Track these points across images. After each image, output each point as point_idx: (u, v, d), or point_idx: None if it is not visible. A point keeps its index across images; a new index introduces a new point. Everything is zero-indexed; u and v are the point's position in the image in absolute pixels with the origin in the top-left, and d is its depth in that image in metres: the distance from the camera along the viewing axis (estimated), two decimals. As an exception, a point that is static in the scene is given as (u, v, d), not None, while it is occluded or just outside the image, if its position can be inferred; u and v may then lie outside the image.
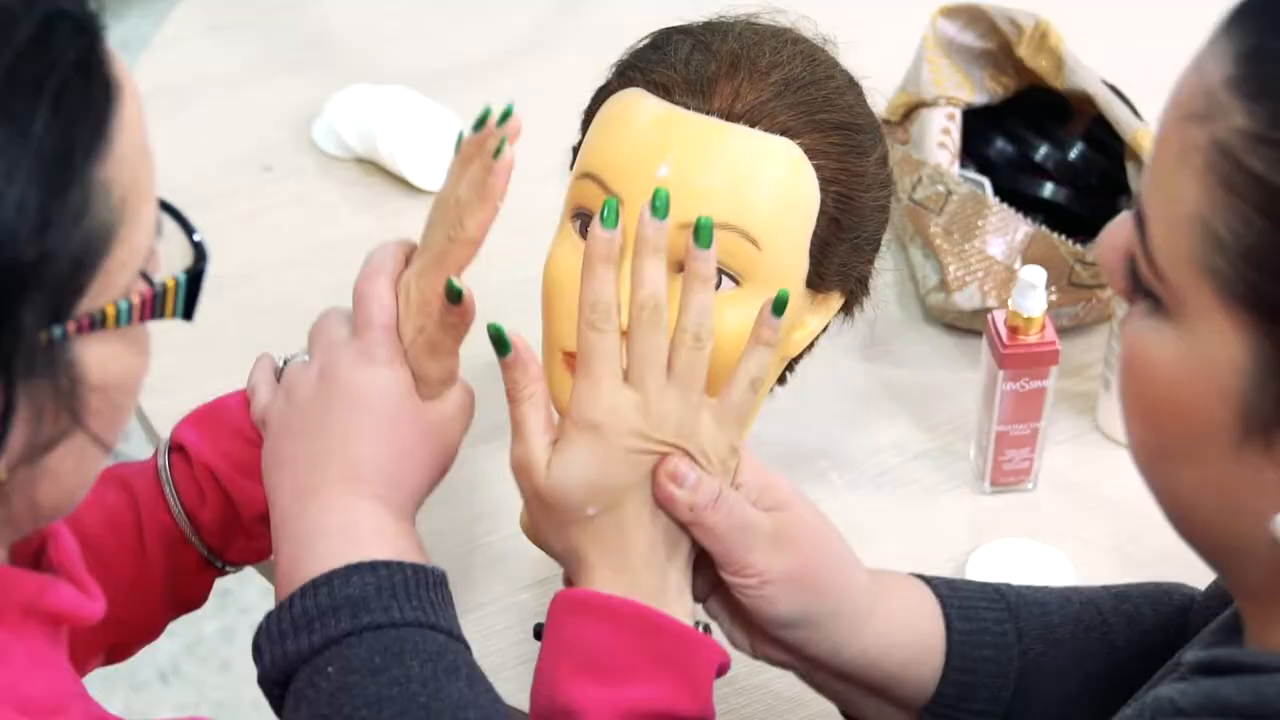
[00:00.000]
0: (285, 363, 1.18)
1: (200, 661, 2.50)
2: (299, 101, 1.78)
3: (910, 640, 1.15)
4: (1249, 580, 0.93)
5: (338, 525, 1.09)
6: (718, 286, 1.15)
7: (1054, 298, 1.53)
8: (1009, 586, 1.18)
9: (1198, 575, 1.41)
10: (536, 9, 1.91)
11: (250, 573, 1.45)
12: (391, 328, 1.13)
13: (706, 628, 1.12)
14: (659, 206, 1.09)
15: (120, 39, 1.88)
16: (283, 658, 1.06)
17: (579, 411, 1.08)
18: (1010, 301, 1.41)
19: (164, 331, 1.56)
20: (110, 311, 0.88)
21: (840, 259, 1.20)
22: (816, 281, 1.20)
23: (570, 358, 1.17)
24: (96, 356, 0.88)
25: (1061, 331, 1.55)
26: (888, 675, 1.15)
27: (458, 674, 1.05)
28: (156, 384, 1.53)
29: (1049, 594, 1.19)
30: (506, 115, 1.12)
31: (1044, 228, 1.55)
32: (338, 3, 1.92)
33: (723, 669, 1.11)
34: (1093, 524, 1.46)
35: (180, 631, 2.52)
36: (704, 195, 1.15)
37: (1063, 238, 1.54)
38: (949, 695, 1.15)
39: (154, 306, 0.90)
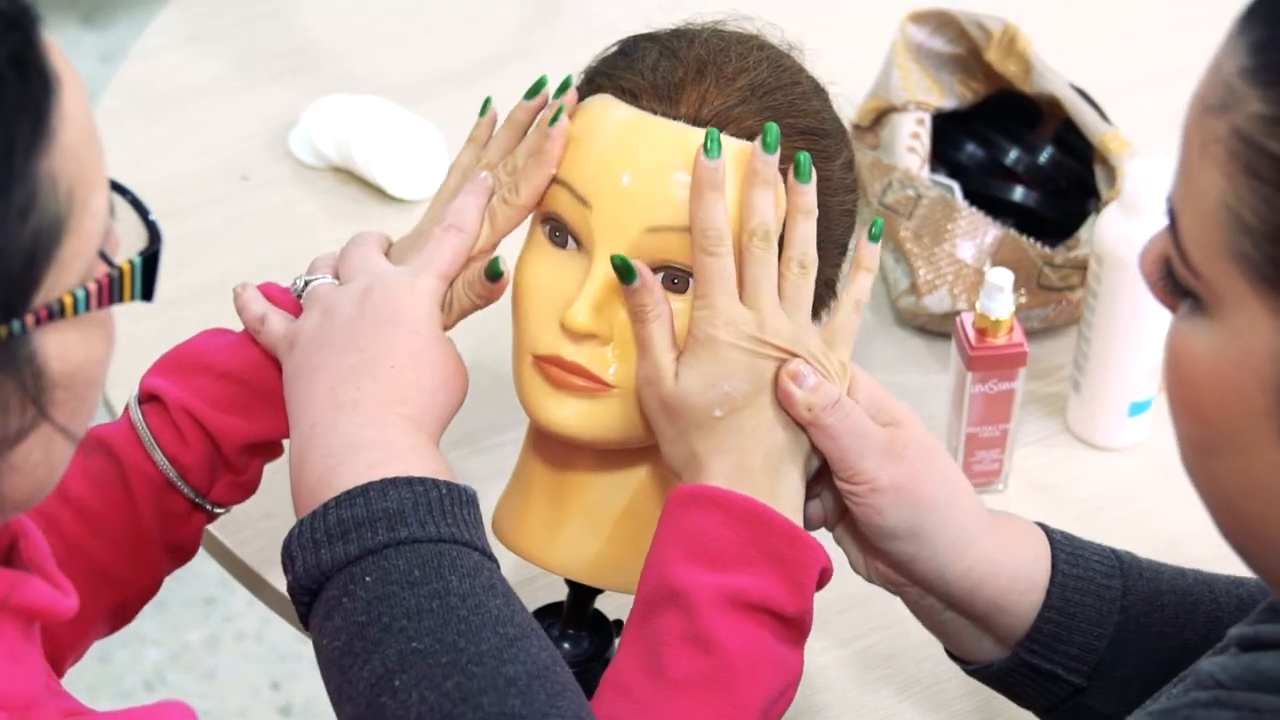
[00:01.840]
0: (305, 284, 1.20)
1: (185, 670, 2.51)
2: (276, 111, 1.80)
3: (1015, 569, 1.17)
4: None
5: (375, 440, 1.10)
6: (686, 289, 1.17)
7: (1023, 300, 1.54)
8: (1126, 552, 1.21)
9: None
10: (512, 19, 1.92)
11: (234, 584, 1.46)
12: (447, 279, 1.18)
13: None
14: (770, 143, 1.15)
15: (105, 50, 1.90)
16: (316, 565, 1.07)
17: (699, 329, 1.14)
18: (978, 304, 1.42)
19: (139, 341, 1.58)
20: (68, 301, 0.88)
21: (807, 262, 1.21)
22: (784, 284, 1.21)
23: (540, 362, 1.19)
24: (57, 347, 0.89)
25: (1032, 334, 1.56)
26: (989, 602, 1.17)
27: (495, 590, 1.07)
28: (132, 393, 1.56)
29: (1165, 566, 1.21)
30: (564, 87, 1.19)
31: (1013, 230, 1.56)
32: (315, 14, 1.94)
33: (825, 575, 1.13)
34: (1062, 524, 1.44)
35: (165, 640, 2.53)
36: (671, 200, 1.16)
37: (1032, 240, 1.56)
38: (1044, 633, 1.17)
39: (111, 291, 0.91)
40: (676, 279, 1.17)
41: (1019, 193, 1.64)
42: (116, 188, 0.93)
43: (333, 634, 1.06)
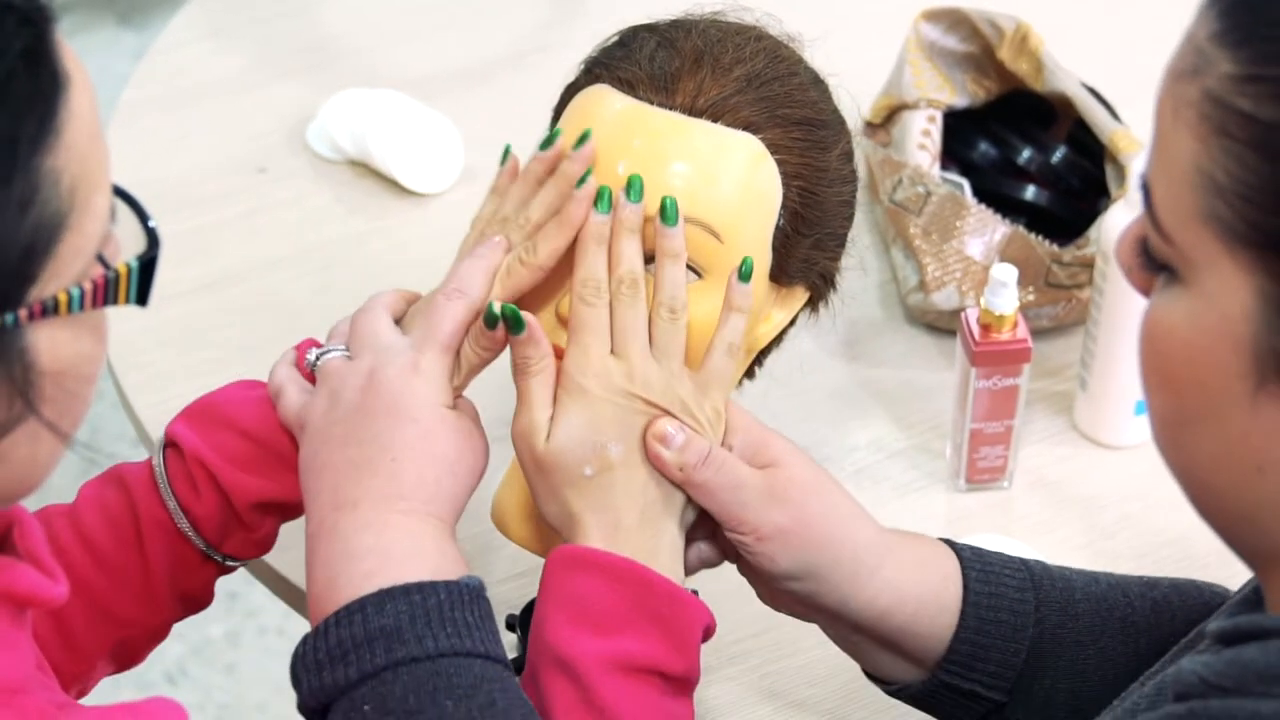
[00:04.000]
0: (317, 358, 1.18)
1: (206, 663, 2.52)
2: (294, 105, 1.81)
3: (922, 594, 1.17)
4: (1270, 544, 0.94)
5: (372, 546, 1.09)
6: (679, 277, 1.18)
7: (1031, 298, 1.54)
8: (1037, 561, 1.21)
9: (1171, 572, 1.42)
10: (529, 14, 1.93)
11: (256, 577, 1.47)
12: (452, 350, 1.15)
13: (694, 592, 1.15)
14: (633, 190, 1.15)
15: (140, 49, 1.92)
16: (320, 689, 1.07)
17: (569, 378, 1.14)
18: (982, 300, 1.42)
19: (156, 329, 1.59)
20: (62, 298, 0.89)
21: (803, 254, 1.21)
22: (779, 275, 1.21)
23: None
24: (49, 343, 0.89)
25: (1041, 332, 1.56)
26: (898, 628, 1.17)
27: (493, 708, 1.06)
28: (148, 381, 1.57)
29: (1077, 573, 1.21)
30: (584, 139, 1.18)
31: (1021, 228, 1.56)
32: (333, 10, 1.95)
33: (708, 631, 1.14)
34: (1067, 522, 1.47)
35: (187, 634, 2.55)
36: (666, 189, 1.16)
37: (1040, 238, 1.55)
38: (961, 654, 1.17)
39: (106, 293, 0.91)
40: (672, 267, 1.18)
41: (1031, 191, 1.64)
42: (119, 193, 0.94)
43: None
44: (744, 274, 1.17)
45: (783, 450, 1.17)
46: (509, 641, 1.35)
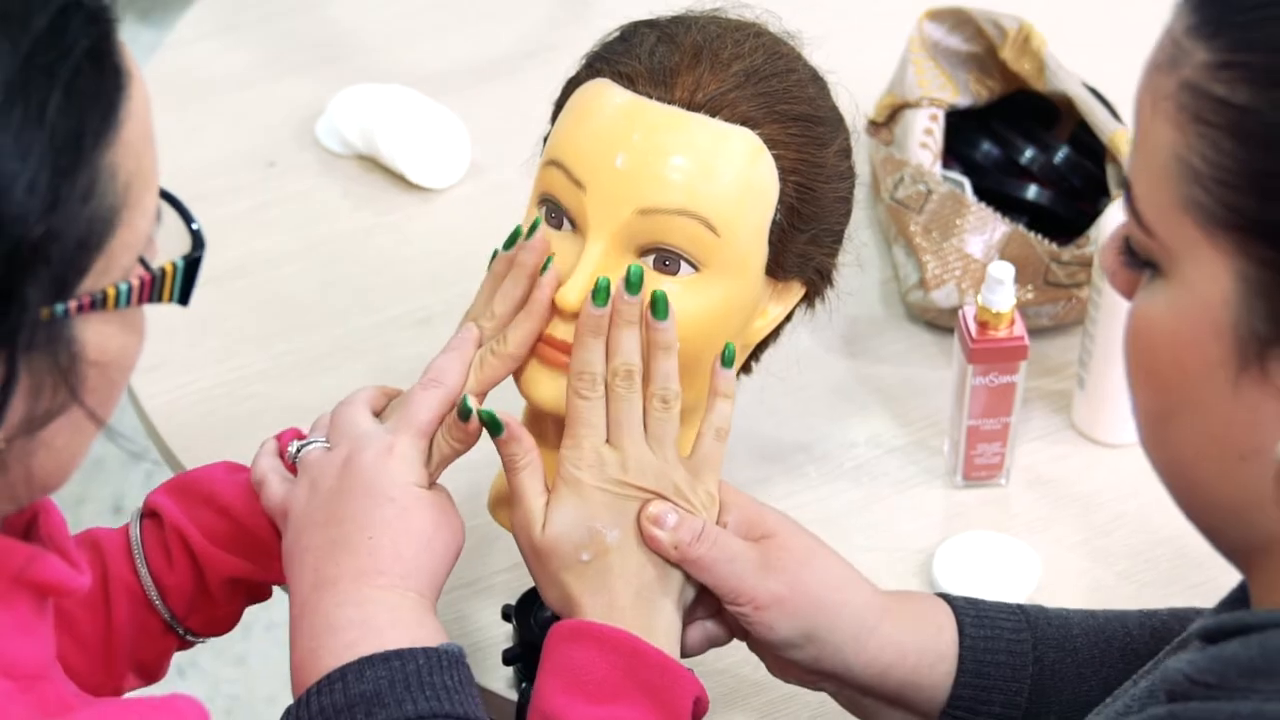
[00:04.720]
0: (298, 450, 1.21)
1: (216, 655, 2.53)
2: (303, 100, 1.82)
3: (921, 645, 1.19)
4: (1254, 536, 0.95)
5: (353, 619, 1.11)
6: (677, 272, 1.19)
7: (1031, 296, 1.55)
8: (1033, 605, 1.23)
9: (1166, 570, 1.44)
10: (536, 12, 1.94)
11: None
12: (427, 436, 1.18)
13: (689, 670, 1.17)
14: (633, 284, 1.17)
15: (153, 44, 1.93)
16: None
17: (565, 470, 1.16)
18: (979, 297, 1.43)
19: (162, 319, 1.60)
20: (111, 292, 0.91)
21: (799, 249, 1.22)
22: (775, 270, 1.22)
23: (540, 343, 1.21)
24: (95, 335, 0.92)
25: (1041, 331, 1.57)
26: (901, 682, 1.19)
27: None
28: (155, 373, 1.58)
29: (1073, 611, 1.23)
30: (534, 227, 1.20)
31: (1021, 227, 1.57)
32: (342, 6, 1.96)
33: (699, 704, 1.16)
34: (1063, 520, 1.47)
35: (196, 626, 2.56)
36: (664, 182, 1.18)
37: (1039, 237, 1.56)
38: (964, 699, 1.19)
39: (152, 290, 0.93)
40: (668, 261, 1.19)
41: (1033, 191, 1.65)
42: (165, 195, 0.96)
43: None
44: (726, 359, 1.20)
45: (776, 522, 1.20)
46: (504, 631, 1.36)
